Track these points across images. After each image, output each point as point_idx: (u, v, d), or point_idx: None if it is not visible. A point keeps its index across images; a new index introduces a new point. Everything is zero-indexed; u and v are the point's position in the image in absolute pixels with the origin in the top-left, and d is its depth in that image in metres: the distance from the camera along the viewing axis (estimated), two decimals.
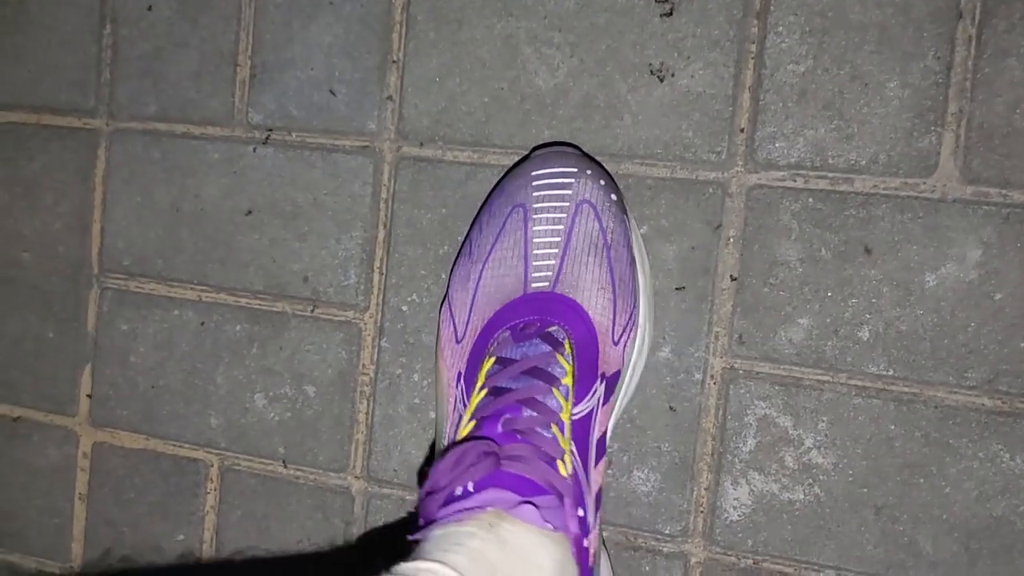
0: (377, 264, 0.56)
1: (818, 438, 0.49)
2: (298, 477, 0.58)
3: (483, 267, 0.47)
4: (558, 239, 0.46)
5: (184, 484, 0.61)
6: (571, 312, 0.44)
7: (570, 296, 0.45)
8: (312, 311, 0.58)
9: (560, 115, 0.52)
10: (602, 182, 0.47)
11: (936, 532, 0.48)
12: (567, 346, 0.44)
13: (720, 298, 0.51)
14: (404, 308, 0.56)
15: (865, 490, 0.49)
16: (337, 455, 0.58)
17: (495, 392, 0.43)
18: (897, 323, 0.48)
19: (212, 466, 0.60)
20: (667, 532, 0.52)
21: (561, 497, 0.40)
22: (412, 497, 0.56)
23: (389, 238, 0.56)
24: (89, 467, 0.64)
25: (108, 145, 0.62)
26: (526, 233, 0.46)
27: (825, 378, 0.49)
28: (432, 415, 0.55)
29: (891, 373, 0.48)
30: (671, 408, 0.51)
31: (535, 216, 0.46)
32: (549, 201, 0.46)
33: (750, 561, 0.51)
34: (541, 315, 0.44)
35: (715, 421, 0.51)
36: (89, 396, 0.63)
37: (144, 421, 0.62)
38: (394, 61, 0.55)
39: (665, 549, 0.52)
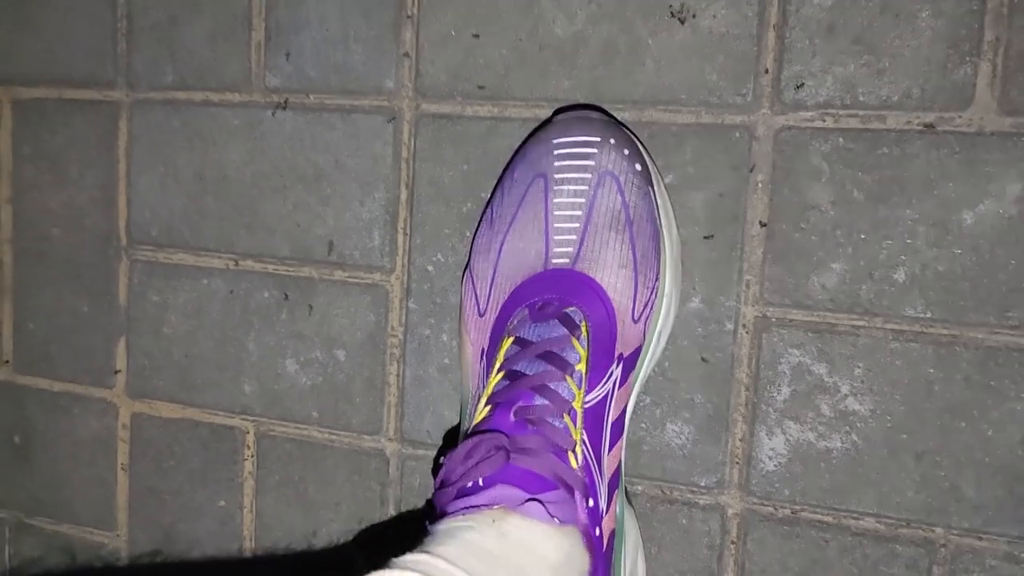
0: (401, 225, 0.56)
1: (854, 385, 0.48)
2: (332, 441, 0.59)
3: (504, 238, 0.46)
4: (579, 213, 0.45)
5: (222, 451, 0.62)
6: (590, 292, 0.44)
7: (590, 274, 0.44)
8: (338, 275, 0.57)
9: (580, 64, 0.51)
10: (626, 151, 0.45)
11: (979, 476, 0.47)
12: (583, 329, 0.43)
13: (750, 245, 0.49)
14: (430, 268, 0.55)
15: (904, 436, 0.48)
16: (370, 418, 0.58)
17: (511, 376, 0.43)
18: (934, 264, 0.47)
19: (248, 432, 0.61)
20: (703, 484, 0.51)
21: (571, 490, 0.40)
22: None
23: (412, 198, 0.55)
24: (129, 438, 0.65)
25: (129, 116, 0.62)
26: (547, 205, 0.45)
27: (860, 323, 0.48)
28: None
29: (929, 315, 0.47)
30: (703, 359, 0.51)
31: (556, 188, 0.45)
32: (571, 172, 0.45)
33: (788, 511, 0.50)
34: (560, 294, 0.44)
35: (748, 371, 0.50)
36: (124, 368, 0.64)
37: (180, 390, 0.63)
38: (409, 16, 0.54)
39: (701, 501, 0.51)
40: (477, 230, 0.50)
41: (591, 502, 0.41)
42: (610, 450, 0.44)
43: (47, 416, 0.67)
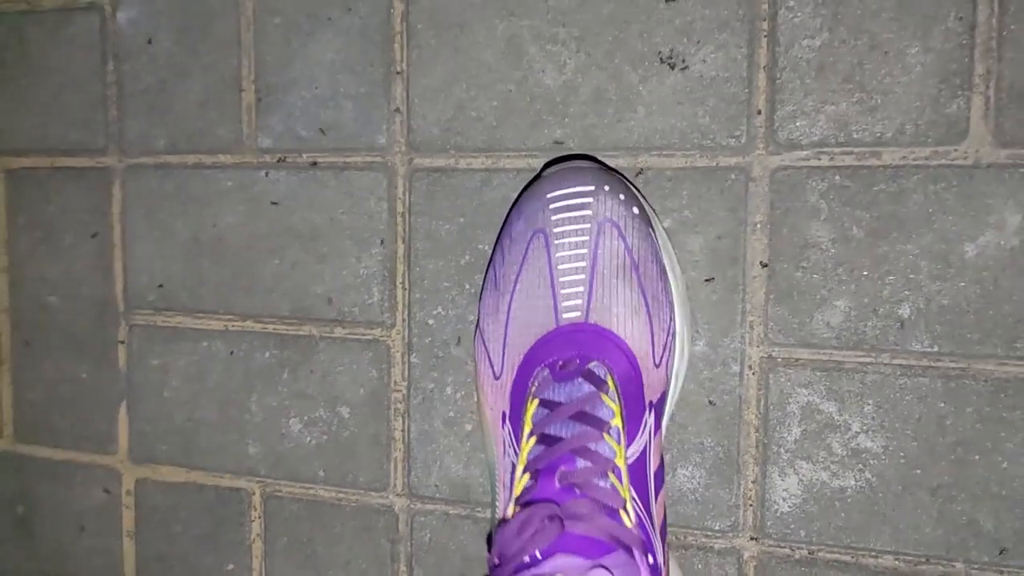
0: (400, 280, 0.55)
1: (865, 422, 0.48)
2: (340, 499, 0.58)
3: (511, 299, 0.46)
4: (583, 264, 0.44)
5: (228, 514, 0.61)
6: (608, 344, 0.43)
7: (604, 326, 0.44)
8: (339, 332, 0.57)
9: (571, 112, 0.51)
10: (622, 196, 0.45)
11: (997, 509, 0.46)
12: (611, 383, 0.42)
13: (752, 286, 0.49)
14: (431, 322, 0.55)
15: (918, 471, 0.47)
16: (377, 474, 0.57)
17: (545, 440, 0.42)
18: (938, 297, 0.46)
19: (254, 494, 0.60)
20: (717, 528, 0.51)
21: (630, 550, 0.39)
22: (456, 511, 0.55)
23: (409, 252, 0.55)
24: (134, 504, 0.64)
25: (122, 182, 0.62)
26: (550, 260, 0.45)
27: (867, 360, 0.48)
28: (469, 427, 0.55)
29: (936, 349, 0.47)
30: (711, 402, 0.50)
31: (556, 242, 0.45)
32: (569, 224, 0.45)
33: (805, 552, 0.49)
34: (579, 350, 0.43)
35: (757, 412, 0.50)
36: (127, 434, 0.63)
37: (183, 454, 0.62)
38: (398, 72, 0.54)
39: (716, 546, 0.51)
40: (483, 292, 0.49)
41: (651, 558, 0.40)
42: (656, 499, 0.43)
43: (50, 485, 0.66)
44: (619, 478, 0.41)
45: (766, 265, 0.49)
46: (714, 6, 0.48)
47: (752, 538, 0.50)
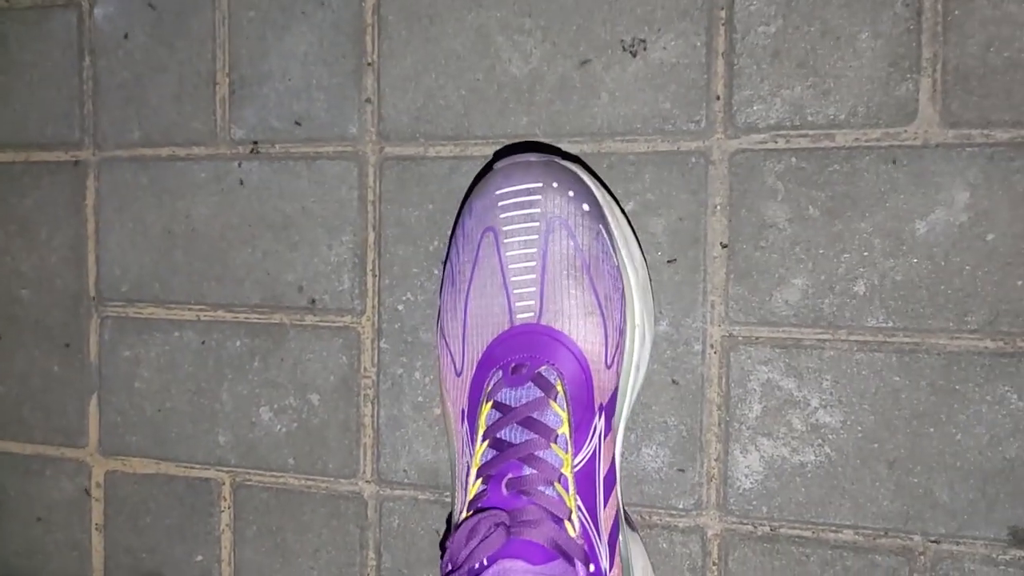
0: (370, 267, 0.56)
1: (824, 397, 0.49)
2: (310, 487, 0.58)
3: (467, 296, 0.47)
4: (534, 263, 0.45)
5: (198, 504, 0.61)
6: (559, 347, 0.44)
7: (557, 328, 0.44)
8: (309, 320, 0.58)
9: (537, 100, 0.53)
10: (571, 193, 0.46)
11: (951, 480, 0.47)
12: (560, 388, 0.43)
13: (712, 266, 0.50)
14: (400, 308, 0.56)
15: (876, 445, 0.48)
16: (346, 461, 0.57)
17: (496, 445, 0.43)
18: (892, 274, 0.48)
19: (224, 484, 0.60)
20: (681, 507, 0.51)
21: (571, 559, 0.40)
22: (424, 496, 0.56)
23: (379, 239, 0.56)
24: (103, 496, 0.64)
25: (97, 175, 0.62)
26: (501, 260, 0.46)
27: (825, 336, 0.49)
28: (437, 411, 0.55)
29: (891, 325, 0.48)
30: (674, 381, 0.51)
31: (507, 240, 0.45)
32: (518, 222, 0.45)
33: (767, 528, 0.50)
34: (530, 353, 0.44)
35: (719, 390, 0.51)
36: (97, 425, 0.63)
37: (154, 446, 0.62)
38: (369, 63, 0.56)
39: (680, 524, 0.51)
40: (442, 286, 0.50)
41: (592, 567, 0.41)
42: (605, 506, 0.44)
43: (19, 480, 0.66)
44: (565, 488, 0.42)
45: (726, 246, 0.50)
46: None
47: (717, 515, 0.51)
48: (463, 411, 0.46)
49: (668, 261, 0.51)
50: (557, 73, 0.52)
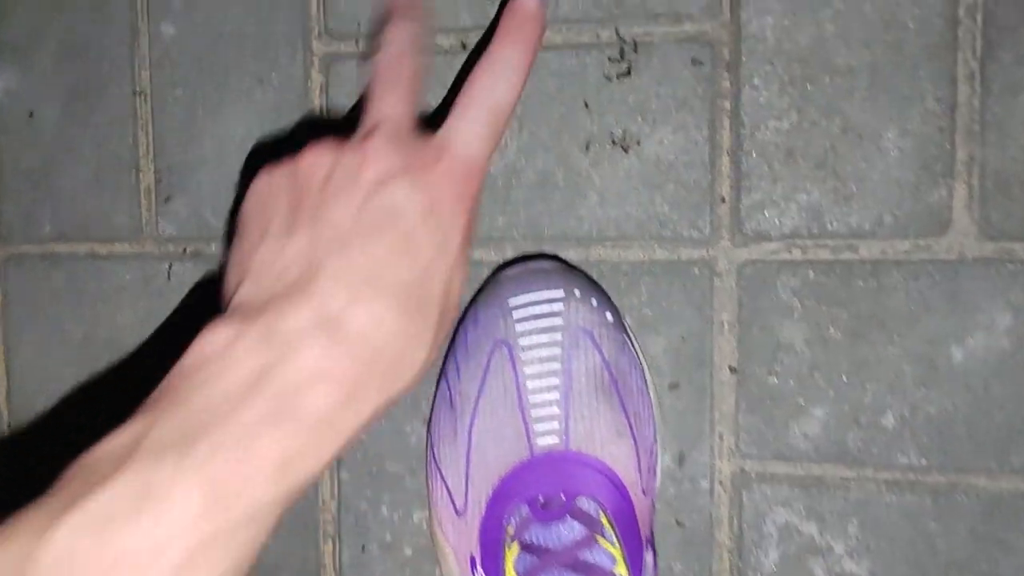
0: None
1: (849, 543, 0.43)
2: None
3: (472, 420, 0.40)
4: (556, 381, 0.39)
5: None
6: (597, 475, 0.38)
7: (588, 453, 0.38)
8: None
9: (515, 199, 0.46)
10: (594, 301, 0.40)
11: None
12: (605, 521, 0.37)
13: (721, 393, 0.44)
14: (362, 435, 0.48)
15: None
16: None
17: None
18: (925, 405, 0.42)
19: None
20: None
21: None
22: None
23: None
24: None
25: (3, 274, 0.54)
26: (517, 377, 0.39)
27: (850, 474, 0.43)
28: (408, 552, 0.48)
29: (924, 463, 0.42)
30: (678, 523, 0.45)
31: (523, 355, 0.39)
32: (537, 335, 0.39)
33: None
34: (562, 483, 0.38)
35: (730, 533, 0.45)
36: None
37: None
38: None
39: None
40: (433, 410, 0.43)
41: None
42: None
43: None
44: None
45: (735, 369, 0.44)
46: (670, 83, 0.43)
47: None
48: (472, 558, 0.39)
49: (670, 386, 0.45)
50: (536, 168, 0.45)
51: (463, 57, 0.46)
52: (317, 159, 0.31)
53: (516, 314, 0.40)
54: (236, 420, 0.25)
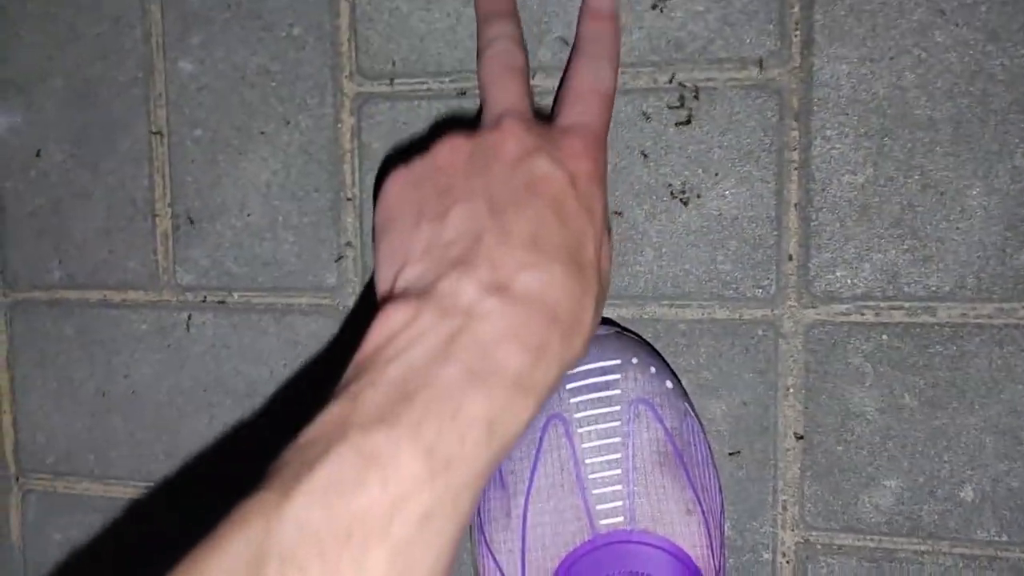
0: None
1: None
2: None
3: (526, 500, 0.37)
4: (617, 456, 0.36)
5: None
6: (667, 557, 0.35)
7: (657, 532, 0.36)
8: None
9: None
10: (653, 369, 0.37)
11: None
12: None
13: (785, 461, 0.42)
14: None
15: None
16: None
17: None
18: (1007, 479, 0.39)
19: None
20: None
21: None
22: None
23: None
24: None
25: (9, 321, 0.51)
26: (575, 454, 0.37)
27: (924, 548, 0.41)
28: None
29: (1005, 539, 0.40)
30: None
31: (581, 430, 0.37)
32: (594, 408, 0.37)
33: None
34: (629, 566, 0.35)
35: None
36: None
37: None
38: (349, 199, 0.45)
39: None
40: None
41: None
42: None
43: None
44: None
45: (801, 437, 0.41)
46: (735, 132, 0.40)
47: None
48: None
49: (730, 454, 0.42)
50: None
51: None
52: (455, 145, 0.32)
53: (570, 386, 0.38)
54: (439, 384, 0.25)
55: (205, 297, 0.47)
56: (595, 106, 0.34)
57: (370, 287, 0.45)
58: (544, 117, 0.35)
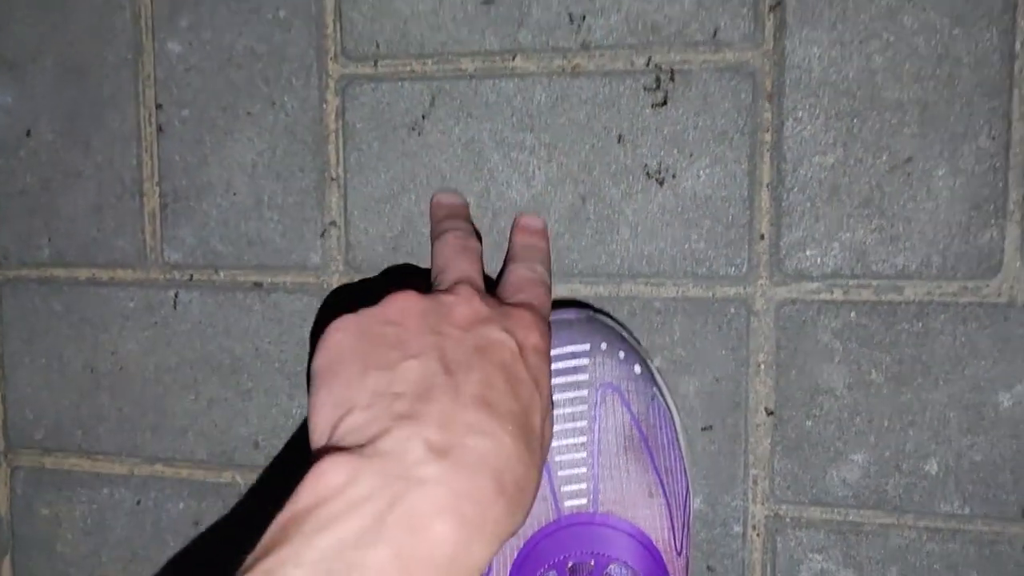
0: None
1: None
2: None
3: None
4: (583, 440, 0.37)
5: None
6: (627, 539, 0.36)
7: (618, 515, 0.36)
8: (267, 481, 0.48)
9: None
10: (621, 354, 0.38)
11: None
12: None
13: (756, 436, 0.43)
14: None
15: None
16: None
17: None
18: (970, 452, 0.41)
19: None
20: None
21: None
22: None
23: None
24: None
25: None
26: None
27: (890, 521, 0.42)
28: None
29: (967, 511, 0.41)
30: (709, 568, 0.44)
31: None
32: (562, 392, 0.38)
33: None
34: (591, 548, 0.36)
35: None
36: None
37: None
38: (333, 179, 0.46)
39: None
40: None
41: None
42: None
43: None
44: None
45: (772, 412, 0.42)
46: (709, 114, 0.41)
47: None
48: None
49: (703, 428, 0.43)
50: (566, 201, 0.43)
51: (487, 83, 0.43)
52: (407, 300, 0.32)
53: None
54: (365, 570, 0.24)
55: (192, 275, 0.48)
56: (538, 291, 0.37)
57: (351, 266, 0.46)
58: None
